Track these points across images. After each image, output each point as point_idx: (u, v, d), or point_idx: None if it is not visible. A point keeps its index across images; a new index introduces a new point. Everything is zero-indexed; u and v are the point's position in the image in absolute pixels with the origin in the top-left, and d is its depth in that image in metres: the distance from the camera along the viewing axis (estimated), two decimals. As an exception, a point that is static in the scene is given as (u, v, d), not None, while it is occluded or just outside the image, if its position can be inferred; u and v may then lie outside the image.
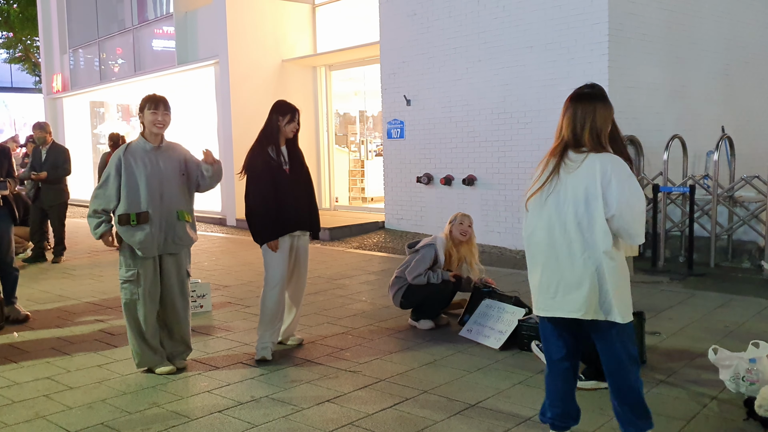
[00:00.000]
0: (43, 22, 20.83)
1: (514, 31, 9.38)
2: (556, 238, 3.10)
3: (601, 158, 3.06)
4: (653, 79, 9.05)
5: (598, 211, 3.01)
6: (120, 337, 5.50)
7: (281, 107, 4.94)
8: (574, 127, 3.12)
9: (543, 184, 3.15)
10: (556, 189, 3.11)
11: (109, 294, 7.16)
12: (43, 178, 8.82)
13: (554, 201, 3.11)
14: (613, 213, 3.00)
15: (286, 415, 3.87)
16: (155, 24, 16.51)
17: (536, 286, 3.21)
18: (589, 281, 3.04)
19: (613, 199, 2.99)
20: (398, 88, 11.11)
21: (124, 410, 3.98)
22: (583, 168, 3.06)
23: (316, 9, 14.48)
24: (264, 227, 4.83)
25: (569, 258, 3.07)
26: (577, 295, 3.06)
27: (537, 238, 3.18)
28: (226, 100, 13.56)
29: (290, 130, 4.93)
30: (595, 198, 3.02)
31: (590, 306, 3.05)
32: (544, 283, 3.16)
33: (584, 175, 3.05)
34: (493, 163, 9.69)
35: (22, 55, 29.82)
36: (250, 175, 4.87)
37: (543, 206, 3.15)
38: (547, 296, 3.15)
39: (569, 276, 3.07)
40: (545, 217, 3.14)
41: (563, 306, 3.11)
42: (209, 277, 7.89)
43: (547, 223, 3.13)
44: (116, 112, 20.67)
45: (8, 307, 6.07)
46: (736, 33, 10.66)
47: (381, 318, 5.98)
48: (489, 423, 3.71)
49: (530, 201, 3.22)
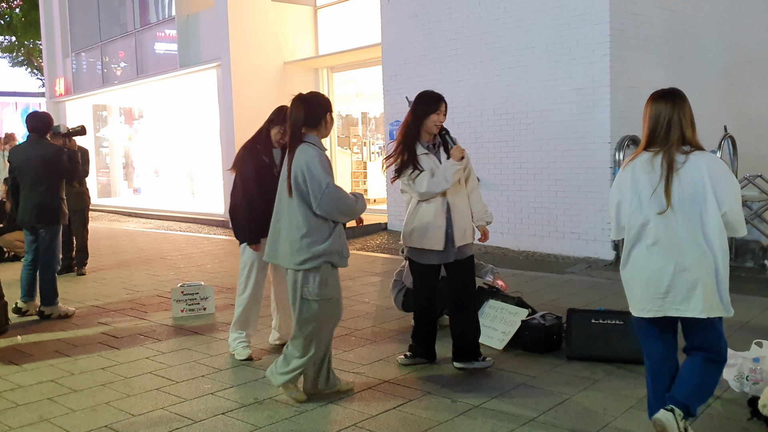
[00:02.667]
0: (46, 25, 20.88)
1: (515, 32, 9.38)
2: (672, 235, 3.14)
3: (705, 157, 3.12)
4: (655, 79, 9.04)
5: (712, 207, 3.07)
6: (123, 340, 5.51)
7: (279, 112, 4.91)
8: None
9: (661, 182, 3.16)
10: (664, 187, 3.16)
11: (112, 297, 7.18)
12: None
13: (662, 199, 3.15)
14: (725, 210, 3.08)
15: (289, 416, 3.87)
16: (157, 27, 16.55)
17: (642, 287, 3.21)
18: (707, 279, 3.08)
19: (725, 197, 3.07)
20: (400, 89, 11.11)
21: (128, 413, 3.98)
22: (690, 166, 3.11)
23: (318, 11, 14.50)
24: (247, 228, 4.85)
25: (682, 257, 3.11)
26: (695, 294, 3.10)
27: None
28: (229, 103, 13.58)
29: (277, 140, 4.89)
30: (705, 196, 3.07)
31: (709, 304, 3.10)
32: (653, 283, 3.17)
33: (693, 174, 3.10)
34: (495, 163, 9.68)
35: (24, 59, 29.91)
36: (237, 172, 4.89)
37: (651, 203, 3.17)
38: (657, 296, 3.17)
39: (683, 276, 3.11)
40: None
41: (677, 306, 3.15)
42: (212, 280, 7.90)
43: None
44: (119, 116, 20.72)
45: (50, 307, 6.35)
46: (737, 33, 10.65)
47: (384, 319, 5.98)
48: (492, 424, 3.71)
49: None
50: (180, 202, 16.85)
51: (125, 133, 20.78)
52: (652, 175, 3.15)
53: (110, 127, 20.73)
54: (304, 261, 3.86)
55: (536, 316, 5.07)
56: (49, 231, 6.35)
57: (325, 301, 3.96)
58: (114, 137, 20.68)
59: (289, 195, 3.89)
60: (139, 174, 20.77)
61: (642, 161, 3.21)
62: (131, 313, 6.47)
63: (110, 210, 17.80)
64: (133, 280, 8.14)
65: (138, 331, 5.81)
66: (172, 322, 6.09)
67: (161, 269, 8.84)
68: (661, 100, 3.21)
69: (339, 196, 3.86)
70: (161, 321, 6.12)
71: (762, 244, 8.02)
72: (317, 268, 3.89)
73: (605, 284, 7.28)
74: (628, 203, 3.24)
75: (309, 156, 3.85)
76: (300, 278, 3.92)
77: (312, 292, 3.92)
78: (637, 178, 3.20)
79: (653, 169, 3.15)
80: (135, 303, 6.88)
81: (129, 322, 6.12)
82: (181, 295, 6.25)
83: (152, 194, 19.49)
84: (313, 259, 3.87)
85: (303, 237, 3.86)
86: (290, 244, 3.90)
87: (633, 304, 3.29)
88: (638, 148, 3.29)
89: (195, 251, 10.39)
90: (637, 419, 3.73)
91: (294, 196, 3.87)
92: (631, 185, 3.23)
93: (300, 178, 3.84)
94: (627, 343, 4.62)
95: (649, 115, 3.22)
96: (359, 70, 14.02)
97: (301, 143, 3.92)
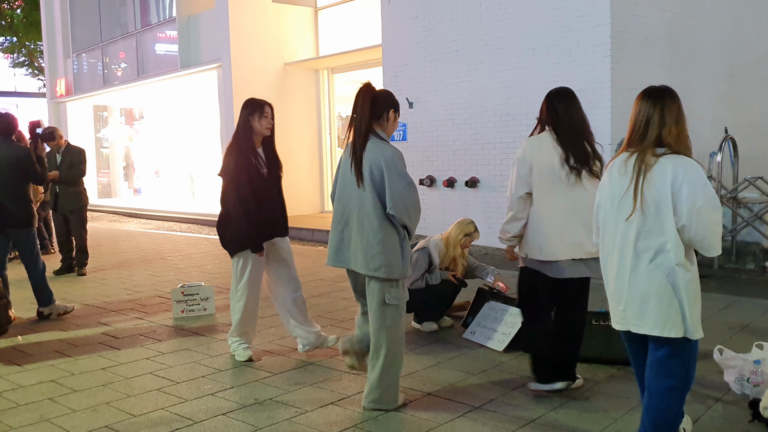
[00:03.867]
0: (47, 26, 20.91)
1: (516, 34, 9.38)
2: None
3: (675, 161, 2.91)
4: (656, 80, 8.93)
5: (669, 219, 2.88)
6: (124, 341, 5.51)
7: (251, 104, 4.72)
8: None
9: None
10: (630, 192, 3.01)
11: (112, 297, 7.18)
12: (56, 177, 8.25)
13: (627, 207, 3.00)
14: (683, 223, 2.88)
15: (289, 417, 3.86)
16: (158, 28, 16.57)
17: (609, 296, 3.13)
18: (661, 293, 2.92)
19: (684, 209, 2.85)
20: (400, 90, 11.11)
21: (129, 413, 3.98)
22: (656, 171, 2.93)
23: (319, 12, 14.51)
24: (246, 236, 4.65)
25: (636, 269, 2.97)
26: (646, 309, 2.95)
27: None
28: (229, 104, 13.59)
29: (265, 127, 4.71)
30: (668, 205, 2.87)
31: (663, 321, 2.93)
32: (616, 295, 3.07)
33: (657, 179, 2.92)
34: (496, 165, 9.68)
35: (26, 60, 29.93)
36: (228, 179, 4.67)
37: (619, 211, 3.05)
38: (618, 309, 3.07)
39: (635, 289, 2.98)
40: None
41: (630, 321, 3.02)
42: (212, 280, 7.90)
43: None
44: (120, 116, 20.73)
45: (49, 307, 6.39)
46: (739, 34, 10.64)
47: (384, 320, 5.97)
48: (493, 425, 3.71)
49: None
50: (180, 202, 16.86)
51: (126, 133, 20.80)
52: (624, 177, 3.01)
53: (111, 128, 20.75)
54: (381, 267, 3.70)
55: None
56: (25, 235, 6.23)
57: (403, 304, 3.86)
58: (114, 138, 20.70)
59: (359, 186, 3.71)
60: (140, 174, 20.79)
61: (619, 162, 3.08)
62: (132, 313, 6.46)
63: (110, 210, 17.81)
64: (134, 280, 8.14)
65: (138, 331, 5.81)
66: (173, 322, 6.09)
67: (161, 270, 8.83)
68: (644, 99, 3.05)
69: (415, 198, 3.71)
70: (162, 321, 6.12)
71: (763, 246, 8.01)
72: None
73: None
74: (603, 205, 3.14)
75: (386, 151, 3.71)
76: (378, 285, 3.76)
77: (396, 296, 3.79)
78: (614, 179, 3.08)
79: (626, 170, 3.01)
80: (135, 303, 6.88)
81: (129, 322, 6.12)
82: (181, 296, 6.25)
83: (152, 195, 19.50)
84: (390, 266, 3.71)
85: (380, 242, 3.69)
86: (364, 249, 3.73)
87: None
88: (620, 148, 3.16)
89: (195, 252, 10.39)
90: (638, 420, 3.72)
91: (368, 196, 3.70)
92: (608, 187, 3.11)
93: (377, 173, 3.67)
94: (627, 344, 4.63)
95: (632, 113, 3.07)
96: (360, 71, 14.03)
97: (370, 137, 3.77)
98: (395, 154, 3.72)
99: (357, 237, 3.76)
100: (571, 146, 3.94)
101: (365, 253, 3.72)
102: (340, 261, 3.90)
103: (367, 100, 3.77)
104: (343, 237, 3.85)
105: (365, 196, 3.72)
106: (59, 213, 8.52)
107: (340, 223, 3.86)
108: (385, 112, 3.83)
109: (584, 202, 3.82)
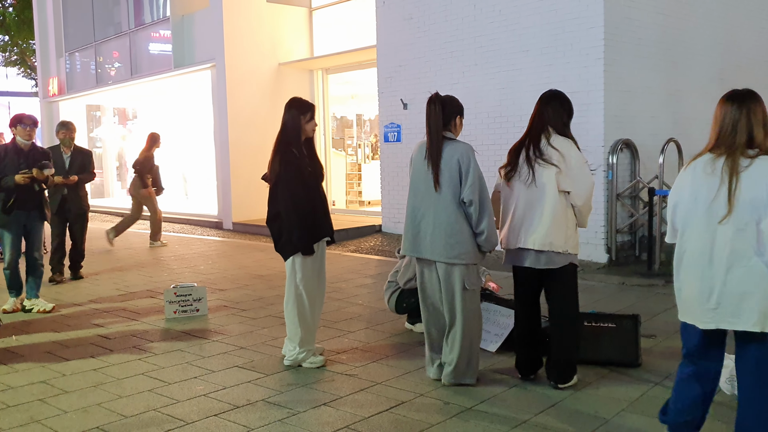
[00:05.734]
0: (40, 25, 20.82)
1: (509, 35, 9.40)
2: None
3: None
4: (648, 83, 9.08)
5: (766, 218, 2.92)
6: (116, 341, 5.50)
7: (302, 105, 4.66)
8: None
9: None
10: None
11: (105, 298, 7.16)
12: (74, 182, 7.87)
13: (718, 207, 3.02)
14: None
15: (282, 418, 3.86)
16: (152, 27, 16.52)
17: (693, 296, 3.09)
18: (757, 290, 2.94)
19: None
20: (395, 91, 11.12)
21: (120, 414, 3.97)
22: (753, 171, 2.98)
23: (313, 13, 14.50)
24: (302, 236, 4.59)
25: (734, 267, 2.98)
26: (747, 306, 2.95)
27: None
28: (223, 104, 13.57)
29: (311, 129, 4.69)
30: (765, 203, 2.93)
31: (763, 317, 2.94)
32: (705, 293, 3.04)
33: (754, 179, 2.97)
34: (490, 166, 9.65)
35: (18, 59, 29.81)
36: (284, 178, 4.55)
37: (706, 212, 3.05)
38: (708, 308, 3.04)
39: (733, 287, 2.98)
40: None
41: (727, 318, 3.00)
42: (205, 281, 7.89)
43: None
44: (113, 116, 20.66)
45: (33, 300, 6.56)
46: (731, 37, 10.70)
47: (377, 321, 5.98)
48: (485, 426, 3.72)
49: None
50: (173, 202, 16.80)
51: (119, 133, 20.73)
52: (713, 177, 3.03)
53: (104, 128, 20.67)
54: (460, 255, 4.12)
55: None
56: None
57: (479, 289, 4.30)
58: (108, 137, 20.62)
59: (436, 189, 4.15)
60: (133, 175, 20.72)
61: (704, 162, 3.09)
62: (124, 314, 6.45)
63: (103, 210, 17.74)
64: (126, 281, 8.11)
65: (130, 332, 5.79)
66: (165, 323, 6.08)
67: (154, 270, 8.81)
68: (729, 102, 3.10)
69: (484, 193, 4.12)
70: (154, 322, 6.11)
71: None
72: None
73: (598, 287, 7.30)
74: (684, 205, 3.13)
75: (462, 150, 4.15)
76: (458, 271, 4.16)
77: (473, 282, 4.20)
78: (698, 179, 3.08)
79: (714, 171, 3.04)
80: (128, 304, 6.86)
81: (121, 323, 6.11)
82: (174, 297, 6.24)
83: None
84: (469, 253, 4.13)
85: (458, 232, 4.11)
86: (444, 239, 4.13)
87: (684, 311, 3.15)
88: (703, 149, 3.18)
89: (188, 252, 10.37)
90: (629, 422, 3.75)
91: (446, 192, 4.13)
92: (690, 187, 3.11)
93: (455, 170, 4.09)
94: (619, 345, 4.65)
95: (716, 116, 3.11)
96: (354, 71, 14.02)
97: (445, 140, 4.19)
98: (467, 148, 4.18)
99: (435, 230, 4.16)
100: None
101: (445, 242, 4.13)
102: (416, 251, 4.29)
103: (438, 109, 4.21)
104: (420, 230, 4.24)
105: (443, 192, 4.13)
106: (61, 218, 8.02)
107: (416, 218, 4.25)
108: (452, 118, 4.30)
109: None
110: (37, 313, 6.47)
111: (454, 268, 4.15)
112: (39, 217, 6.63)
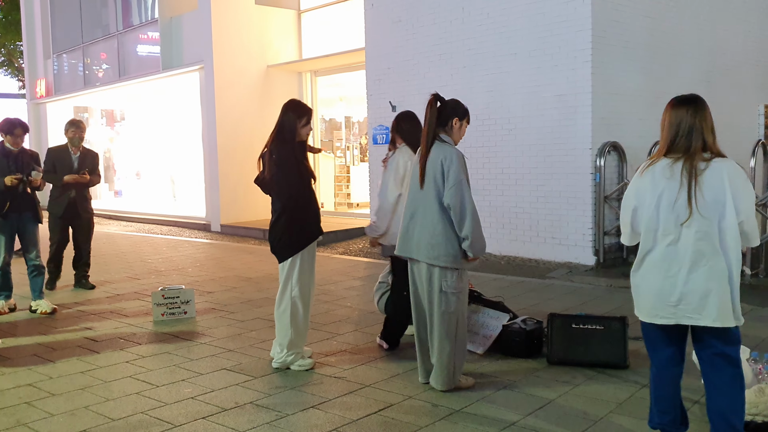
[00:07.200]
0: (27, 26, 20.69)
1: (498, 38, 9.44)
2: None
3: (726, 164, 3.11)
4: (636, 85, 9.14)
5: (731, 215, 3.06)
6: (103, 344, 5.47)
7: (299, 108, 4.65)
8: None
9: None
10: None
11: (92, 301, 7.11)
12: (87, 181, 7.49)
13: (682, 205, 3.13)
14: (743, 218, 3.09)
15: (270, 421, 3.86)
16: (140, 29, 16.46)
17: (654, 293, 3.20)
18: (720, 287, 3.08)
19: (742, 205, 3.07)
20: (383, 94, 11.13)
21: (108, 417, 3.95)
22: (711, 173, 3.09)
23: (302, 15, 14.51)
24: (301, 234, 4.63)
25: (696, 267, 3.10)
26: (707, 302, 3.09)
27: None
28: (211, 106, 13.54)
29: (305, 133, 4.69)
30: (725, 203, 3.06)
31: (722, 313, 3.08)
32: (666, 291, 3.15)
33: (714, 180, 3.09)
34: (478, 168, 9.72)
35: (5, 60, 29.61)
36: (284, 178, 4.56)
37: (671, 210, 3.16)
38: (669, 304, 3.15)
39: (696, 285, 3.10)
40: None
41: (689, 314, 3.13)
42: (193, 283, 7.86)
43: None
44: (100, 118, 20.56)
45: (37, 302, 6.56)
46: (717, 41, 10.79)
47: (366, 323, 5.98)
48: (474, 428, 3.72)
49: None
50: (161, 205, 16.74)
51: (107, 135, 20.62)
52: (672, 181, 3.14)
53: (91, 129, 20.56)
54: (440, 256, 4.09)
55: (517, 321, 5.10)
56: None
57: (461, 294, 4.19)
58: (95, 139, 20.50)
59: (420, 187, 4.14)
60: (121, 176, 20.61)
61: (662, 167, 3.19)
62: (111, 316, 6.41)
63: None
64: (114, 283, 8.07)
65: (118, 334, 5.76)
66: (153, 325, 6.05)
67: (142, 272, 8.77)
68: (681, 107, 3.19)
69: (466, 197, 4.06)
70: (142, 325, 6.08)
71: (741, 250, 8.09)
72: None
73: (586, 289, 7.33)
74: (646, 209, 3.22)
75: (448, 152, 4.11)
76: (437, 272, 4.13)
77: (450, 285, 4.13)
78: (658, 183, 3.18)
79: (673, 175, 3.14)
80: (115, 306, 6.83)
81: (109, 325, 6.07)
82: (161, 299, 6.21)
83: (133, 197, 19.33)
84: (449, 256, 4.08)
85: (439, 233, 4.09)
86: (427, 239, 4.13)
87: (642, 310, 3.26)
88: (656, 154, 3.27)
89: (176, 254, 10.33)
90: (617, 423, 3.76)
91: (429, 192, 4.13)
92: (650, 191, 3.20)
93: (438, 172, 4.07)
94: (607, 347, 4.67)
95: (669, 121, 3.20)
96: (343, 74, 14.03)
97: (436, 140, 4.17)
98: (454, 153, 4.11)
99: (420, 229, 4.17)
100: None
101: (427, 242, 4.13)
102: (403, 250, 4.32)
103: (434, 109, 4.18)
104: (408, 229, 4.26)
105: (428, 193, 4.13)
106: (65, 222, 7.59)
107: (406, 217, 4.29)
108: (450, 120, 4.25)
109: None
110: (40, 314, 6.46)
111: (434, 269, 4.14)
112: (33, 218, 6.58)
